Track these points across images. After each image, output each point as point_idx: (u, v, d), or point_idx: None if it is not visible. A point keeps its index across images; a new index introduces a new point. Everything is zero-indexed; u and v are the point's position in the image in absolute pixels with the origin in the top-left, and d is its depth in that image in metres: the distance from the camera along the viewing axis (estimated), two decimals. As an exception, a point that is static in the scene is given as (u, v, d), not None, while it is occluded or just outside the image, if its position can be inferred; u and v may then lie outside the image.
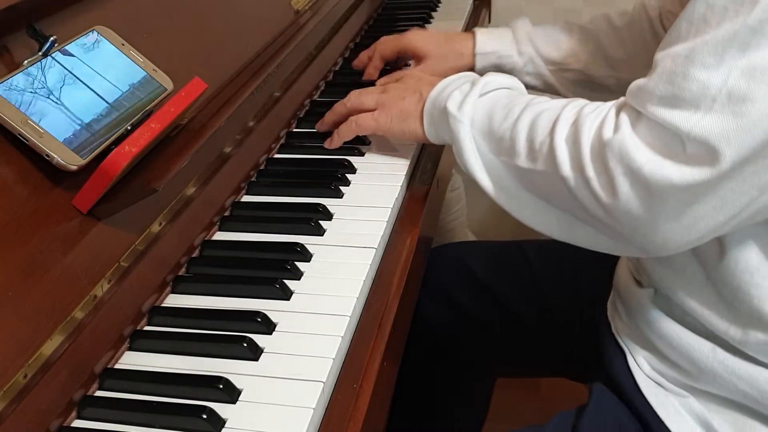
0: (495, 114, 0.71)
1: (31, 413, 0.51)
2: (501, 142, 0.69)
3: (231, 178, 0.80)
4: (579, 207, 0.63)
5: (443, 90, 0.78)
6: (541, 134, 0.65)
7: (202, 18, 0.85)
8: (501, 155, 0.69)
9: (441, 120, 0.76)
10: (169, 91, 0.70)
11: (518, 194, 0.69)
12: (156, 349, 0.61)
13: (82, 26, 0.67)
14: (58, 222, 0.58)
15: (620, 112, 0.61)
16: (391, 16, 1.37)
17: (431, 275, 0.97)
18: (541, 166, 0.65)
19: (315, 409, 0.54)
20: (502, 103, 0.72)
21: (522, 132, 0.67)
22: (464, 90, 0.75)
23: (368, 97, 0.85)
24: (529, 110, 0.68)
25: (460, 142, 0.72)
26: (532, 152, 0.66)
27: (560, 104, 0.67)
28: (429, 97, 0.79)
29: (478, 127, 0.72)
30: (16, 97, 0.58)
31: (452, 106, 0.73)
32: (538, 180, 0.66)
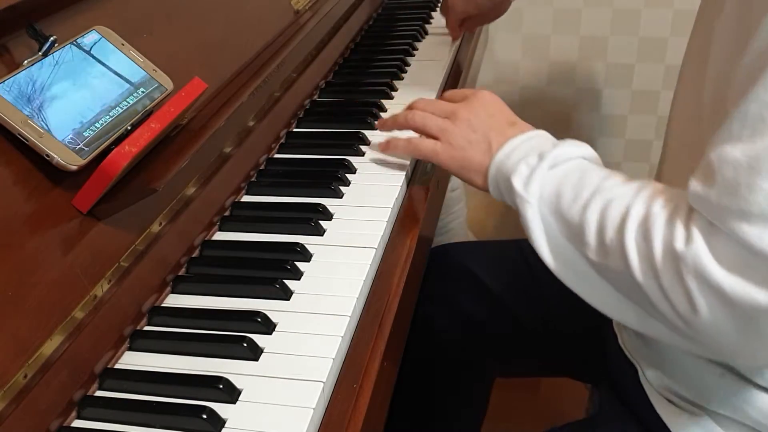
0: (564, 193, 0.66)
1: (31, 413, 0.51)
2: (570, 226, 0.65)
3: (231, 178, 0.80)
4: (656, 312, 0.59)
5: (510, 155, 0.73)
6: (611, 229, 0.61)
7: (202, 18, 0.85)
8: (571, 240, 0.65)
9: (506, 190, 0.72)
10: (169, 91, 0.70)
11: (590, 279, 0.65)
12: (156, 349, 0.61)
13: (82, 26, 0.67)
14: (58, 222, 0.58)
15: (692, 218, 0.56)
16: (391, 16, 1.37)
17: (431, 276, 0.97)
18: (613, 264, 0.61)
19: (315, 409, 0.54)
20: (571, 180, 0.67)
21: (591, 222, 0.63)
22: (531, 163, 0.70)
23: (433, 122, 0.80)
24: (598, 197, 0.63)
25: (527, 222, 0.68)
26: (603, 247, 0.61)
27: (630, 192, 0.62)
28: (495, 160, 0.73)
29: (547, 204, 0.67)
30: (16, 97, 0.58)
31: (518, 183, 0.69)
32: (611, 276, 0.62)
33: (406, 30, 1.28)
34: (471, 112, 0.79)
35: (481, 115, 0.78)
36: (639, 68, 1.78)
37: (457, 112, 0.79)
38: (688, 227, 0.56)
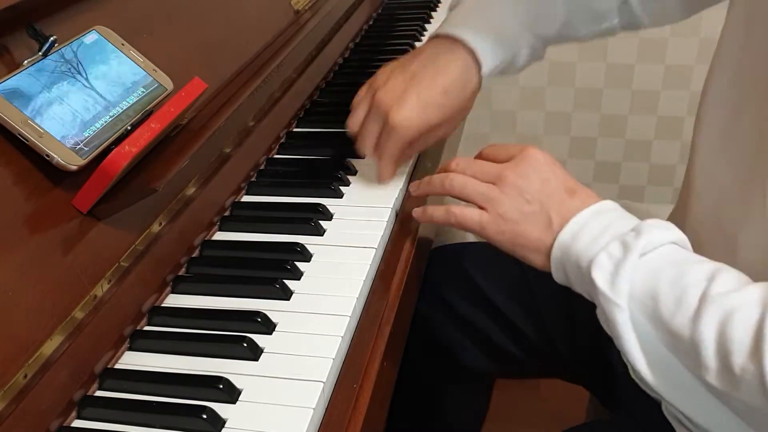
0: (661, 295, 0.56)
1: (31, 413, 0.51)
2: (677, 339, 0.55)
3: (231, 178, 0.80)
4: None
5: (578, 236, 0.63)
6: (740, 354, 0.51)
7: (202, 18, 0.85)
8: (677, 354, 0.56)
9: (581, 281, 0.62)
10: (169, 91, 0.70)
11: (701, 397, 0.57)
12: (156, 349, 0.61)
13: (82, 26, 0.67)
14: (58, 222, 0.58)
15: None
16: (391, 16, 1.37)
17: (430, 276, 0.96)
18: (745, 396, 0.52)
19: (315, 409, 0.54)
20: (668, 276, 0.57)
21: (708, 340, 0.53)
22: (613, 254, 0.59)
23: (477, 189, 0.68)
24: (712, 306, 0.53)
25: (618, 329, 0.58)
26: (729, 375, 0.52)
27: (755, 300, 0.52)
28: (559, 241, 0.64)
29: (640, 306, 0.58)
30: (16, 97, 0.57)
31: (601, 279, 0.59)
32: (737, 404, 0.55)
33: (406, 30, 1.28)
34: (521, 176, 0.67)
35: (533, 181, 0.67)
36: (639, 68, 1.78)
37: (504, 177, 0.68)
38: None
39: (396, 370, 0.68)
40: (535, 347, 0.94)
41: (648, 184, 1.93)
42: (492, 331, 0.95)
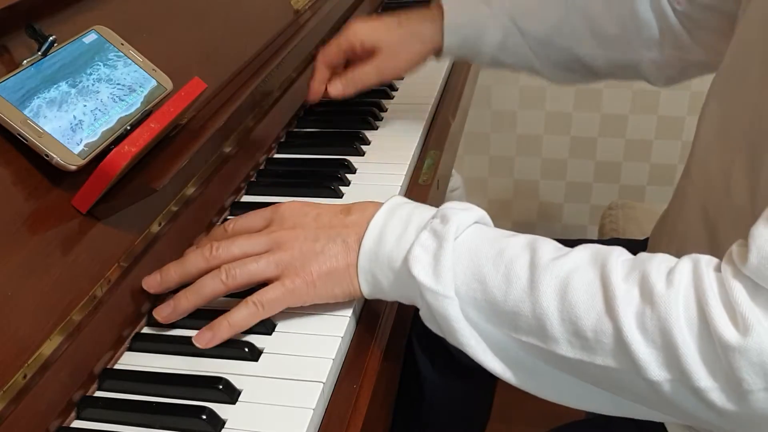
0: (487, 277, 0.54)
1: (31, 413, 0.51)
2: (517, 318, 0.52)
3: (231, 178, 0.80)
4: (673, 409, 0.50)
5: (381, 239, 0.59)
6: (589, 316, 0.49)
7: (202, 18, 0.85)
8: (519, 334, 0.53)
9: (397, 284, 0.58)
10: (168, 91, 0.70)
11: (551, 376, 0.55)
12: (155, 349, 0.61)
13: (82, 26, 0.67)
14: (57, 222, 0.58)
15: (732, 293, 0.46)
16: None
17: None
18: (603, 361, 0.50)
19: (315, 409, 0.54)
20: (487, 255, 0.54)
21: (551, 310, 0.51)
22: (427, 245, 0.56)
23: (259, 264, 0.60)
24: (545, 274, 0.52)
25: (451, 322, 0.55)
26: (582, 340, 0.50)
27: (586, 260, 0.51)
28: (363, 251, 0.59)
29: (468, 296, 0.54)
30: (16, 97, 0.57)
31: (422, 274, 0.55)
32: (596, 372, 0.51)
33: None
34: (290, 227, 0.62)
35: (306, 222, 0.62)
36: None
37: (274, 238, 0.61)
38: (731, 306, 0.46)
39: (397, 370, 0.68)
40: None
41: (648, 184, 1.93)
42: None
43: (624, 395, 0.53)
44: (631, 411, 0.55)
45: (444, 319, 0.55)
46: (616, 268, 0.50)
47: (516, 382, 0.57)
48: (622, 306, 0.48)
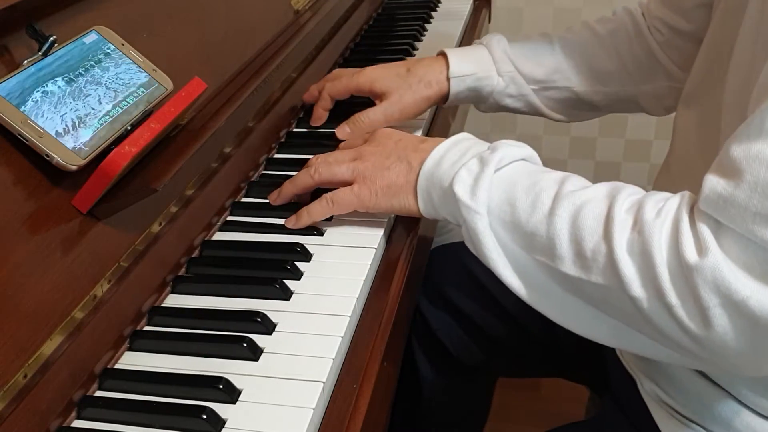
0: (518, 201, 0.61)
1: (31, 413, 0.51)
2: (534, 238, 0.59)
3: (231, 178, 0.80)
4: (652, 328, 0.55)
5: (440, 162, 0.67)
6: (591, 238, 0.56)
7: (202, 18, 0.85)
8: (535, 253, 0.60)
9: (444, 201, 0.66)
10: (169, 91, 0.70)
11: (557, 296, 0.61)
12: (156, 349, 0.61)
13: (82, 26, 0.67)
14: (58, 222, 0.58)
15: (698, 224, 0.52)
16: (391, 16, 1.37)
17: (431, 275, 0.97)
18: (597, 278, 0.56)
19: (315, 409, 0.54)
20: (522, 184, 0.62)
21: (562, 232, 0.57)
22: (472, 169, 0.64)
23: (341, 167, 0.72)
24: (564, 202, 0.58)
25: (479, 236, 0.62)
26: (582, 259, 0.56)
27: (602, 194, 0.58)
28: (423, 171, 0.68)
29: (498, 217, 0.62)
30: (16, 97, 0.57)
31: (462, 191, 0.63)
32: (591, 290, 0.57)
33: (406, 30, 1.28)
34: (376, 145, 0.73)
35: (387, 144, 0.73)
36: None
37: (362, 151, 0.73)
38: (696, 234, 0.52)
39: (396, 370, 0.68)
40: (537, 342, 0.94)
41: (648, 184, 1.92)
42: (494, 327, 0.95)
43: (613, 314, 0.58)
44: (627, 341, 0.61)
45: (474, 232, 0.63)
46: (622, 201, 0.57)
47: (529, 300, 0.63)
48: (618, 231, 0.55)
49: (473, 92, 0.93)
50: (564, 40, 0.93)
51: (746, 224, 0.49)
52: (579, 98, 0.93)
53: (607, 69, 0.91)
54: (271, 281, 0.66)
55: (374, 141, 0.74)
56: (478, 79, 0.91)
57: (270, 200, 0.77)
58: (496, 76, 0.92)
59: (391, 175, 0.70)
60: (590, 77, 0.92)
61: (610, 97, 0.93)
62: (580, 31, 0.94)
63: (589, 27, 0.93)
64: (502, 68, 0.92)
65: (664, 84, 0.90)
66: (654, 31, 0.90)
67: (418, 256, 0.77)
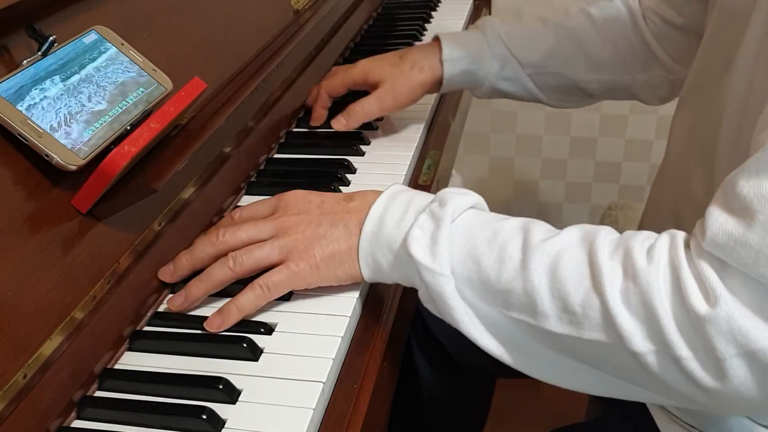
0: (482, 257, 0.56)
1: (31, 413, 0.51)
2: (509, 296, 0.55)
3: (231, 178, 0.80)
4: (656, 382, 0.52)
5: (381, 221, 0.61)
6: (578, 292, 0.52)
7: (202, 18, 0.85)
8: (511, 311, 0.55)
9: (397, 265, 0.60)
10: (168, 91, 0.70)
11: (542, 355, 0.57)
12: (156, 349, 0.61)
13: (82, 26, 0.67)
14: (57, 222, 0.58)
15: (700, 267, 0.49)
16: (391, 16, 1.37)
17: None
18: (591, 335, 0.52)
19: (315, 409, 0.54)
20: (482, 237, 0.57)
21: (541, 286, 0.53)
22: (425, 227, 0.58)
23: (264, 250, 0.62)
24: (536, 253, 0.54)
25: (446, 299, 0.57)
26: (570, 315, 0.52)
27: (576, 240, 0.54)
28: (364, 234, 0.61)
29: (463, 276, 0.56)
30: (16, 97, 0.57)
31: (420, 252, 0.57)
32: (583, 347, 0.53)
33: (406, 30, 1.28)
34: (295, 213, 0.65)
35: (310, 209, 0.65)
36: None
37: (279, 224, 0.64)
38: (701, 279, 0.49)
39: (396, 370, 0.68)
40: None
41: (648, 184, 1.92)
42: None
43: (610, 371, 0.54)
44: (620, 391, 0.57)
45: (440, 297, 0.57)
46: (602, 246, 0.53)
47: (509, 361, 0.58)
48: (608, 282, 0.51)
49: (468, 75, 0.91)
50: (560, 25, 0.92)
51: (758, 267, 0.47)
52: (574, 84, 0.92)
53: (602, 56, 0.90)
54: (271, 281, 0.66)
55: (290, 209, 0.65)
56: (471, 61, 0.90)
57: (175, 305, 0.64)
58: (490, 57, 0.90)
59: (330, 244, 0.62)
60: (586, 64, 0.91)
61: (605, 85, 0.92)
62: (576, 17, 0.93)
63: (586, 13, 0.92)
64: (495, 50, 0.90)
65: (659, 74, 0.90)
66: (648, 21, 0.89)
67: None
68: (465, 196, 0.61)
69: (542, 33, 0.92)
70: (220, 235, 0.64)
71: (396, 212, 0.61)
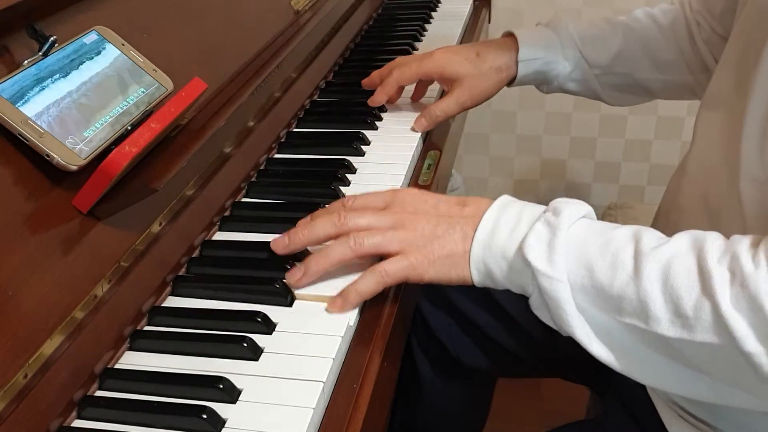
0: (595, 264, 0.58)
1: (31, 413, 0.51)
2: (621, 301, 0.57)
3: (231, 178, 0.80)
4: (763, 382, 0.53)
5: (495, 230, 0.64)
6: (690, 296, 0.54)
7: (202, 18, 0.85)
8: (623, 317, 0.57)
9: (510, 272, 0.62)
10: (169, 91, 0.70)
11: (651, 359, 0.58)
12: (156, 349, 0.61)
13: (82, 26, 0.67)
14: (58, 222, 0.58)
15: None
16: (391, 16, 1.37)
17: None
18: (703, 337, 0.53)
19: (315, 409, 0.54)
20: (594, 245, 0.59)
21: (654, 292, 0.55)
22: (542, 235, 0.60)
23: (385, 238, 0.65)
24: (648, 260, 0.56)
25: (561, 304, 0.59)
26: (683, 319, 0.54)
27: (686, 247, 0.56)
28: (477, 240, 0.64)
29: (576, 282, 0.58)
30: (16, 97, 0.58)
31: (538, 259, 0.59)
32: (694, 350, 0.55)
33: (406, 30, 1.28)
34: (412, 211, 0.68)
35: (425, 209, 0.68)
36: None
37: (398, 218, 0.67)
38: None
39: (396, 370, 0.68)
40: (537, 344, 0.94)
41: (648, 184, 1.93)
42: (494, 328, 0.95)
43: (719, 375, 0.56)
44: (730, 398, 0.58)
45: (555, 302, 0.59)
46: (711, 251, 0.55)
47: (619, 367, 0.60)
48: (718, 286, 0.53)
49: (539, 75, 0.94)
50: (627, 27, 0.94)
51: None
52: (637, 84, 0.95)
53: (666, 58, 0.92)
54: (271, 281, 0.66)
55: (406, 206, 0.68)
56: (546, 63, 0.93)
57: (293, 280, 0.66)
58: (563, 60, 0.93)
59: (447, 245, 0.65)
60: (650, 65, 0.93)
61: (668, 84, 0.94)
62: (642, 19, 0.94)
63: (651, 16, 0.94)
64: (568, 53, 0.93)
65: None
66: (700, 27, 0.91)
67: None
68: (578, 205, 0.63)
69: (611, 34, 0.94)
70: (341, 217, 0.66)
71: (509, 221, 0.64)
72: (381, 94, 0.95)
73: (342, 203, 0.70)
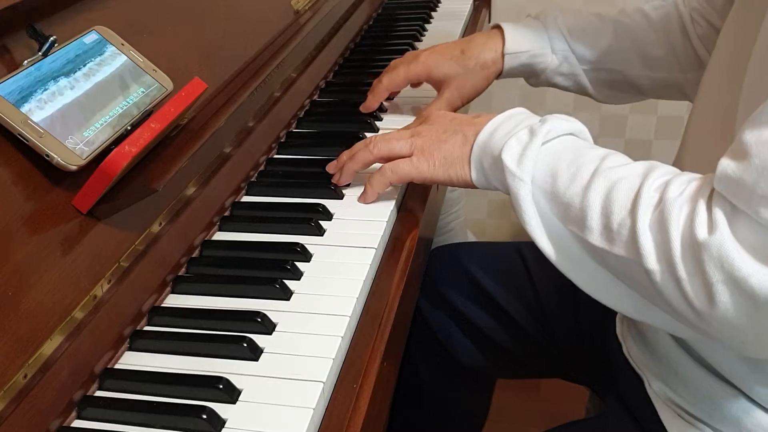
0: (559, 173, 0.63)
1: (31, 413, 0.51)
2: (568, 209, 0.62)
3: (231, 178, 0.80)
4: (663, 302, 0.58)
5: (493, 133, 0.70)
6: (619, 213, 0.58)
7: (203, 18, 0.85)
8: (568, 223, 0.63)
9: (493, 170, 0.69)
10: (169, 91, 0.70)
11: (587, 267, 0.63)
12: (156, 349, 0.61)
13: (82, 26, 0.67)
14: (58, 222, 0.58)
15: (714, 205, 0.54)
16: (391, 16, 1.37)
17: (430, 276, 0.96)
18: (619, 251, 0.58)
19: (315, 409, 0.54)
20: (566, 158, 0.64)
21: (595, 205, 0.60)
22: (522, 139, 0.66)
23: (399, 143, 0.75)
24: (601, 177, 0.61)
25: (520, 202, 0.65)
26: (609, 232, 0.59)
27: (636, 173, 0.60)
28: (477, 142, 0.70)
29: (540, 186, 0.64)
30: (16, 97, 0.58)
31: (509, 159, 0.66)
32: (614, 262, 0.60)
33: (406, 30, 1.28)
34: (432, 122, 0.76)
35: (443, 121, 0.76)
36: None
37: (418, 129, 0.76)
38: (710, 213, 0.54)
39: (396, 369, 0.68)
40: (536, 344, 0.94)
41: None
42: (494, 329, 0.95)
43: (632, 286, 0.61)
44: (649, 316, 0.63)
45: (515, 199, 0.65)
46: (654, 179, 0.59)
47: (559, 266, 0.65)
48: (643, 207, 0.57)
49: (526, 68, 0.95)
50: (618, 22, 0.93)
51: (753, 206, 0.51)
52: (627, 81, 0.94)
53: (657, 55, 0.92)
54: (271, 281, 0.66)
55: (429, 118, 0.78)
56: (532, 56, 0.93)
57: (334, 179, 0.80)
58: (551, 53, 0.93)
59: (447, 147, 0.72)
60: (640, 62, 0.93)
61: (657, 83, 0.94)
62: (633, 15, 0.94)
63: (642, 12, 0.94)
64: (556, 46, 0.93)
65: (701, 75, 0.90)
66: (695, 23, 0.90)
67: (418, 256, 0.77)
68: (567, 122, 0.68)
69: (600, 29, 0.93)
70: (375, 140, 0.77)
71: (508, 127, 0.69)
72: (372, 100, 0.96)
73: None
